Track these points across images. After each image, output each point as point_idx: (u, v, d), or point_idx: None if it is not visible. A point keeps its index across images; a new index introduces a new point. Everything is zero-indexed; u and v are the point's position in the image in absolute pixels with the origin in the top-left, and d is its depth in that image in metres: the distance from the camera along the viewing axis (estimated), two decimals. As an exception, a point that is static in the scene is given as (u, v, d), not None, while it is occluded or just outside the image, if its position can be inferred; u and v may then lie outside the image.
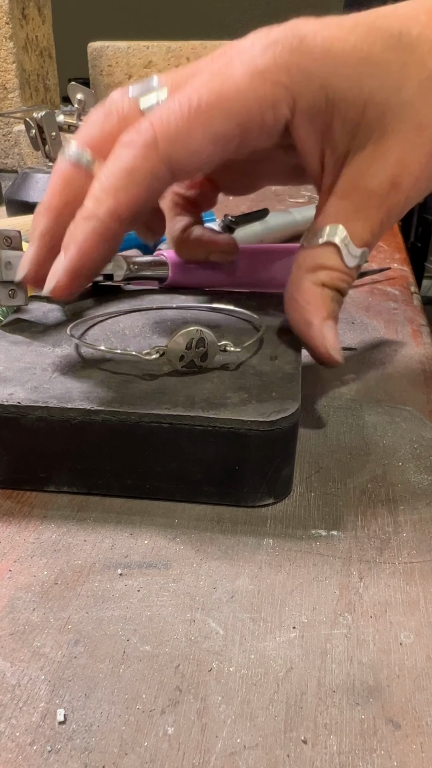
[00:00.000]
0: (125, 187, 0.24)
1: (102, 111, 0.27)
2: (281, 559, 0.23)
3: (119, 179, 0.24)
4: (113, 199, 0.24)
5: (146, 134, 0.24)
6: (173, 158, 0.24)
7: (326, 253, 0.27)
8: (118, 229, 0.25)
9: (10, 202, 0.63)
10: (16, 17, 0.91)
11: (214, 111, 0.24)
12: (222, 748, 0.17)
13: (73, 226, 0.25)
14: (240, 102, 0.24)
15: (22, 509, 0.25)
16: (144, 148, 0.24)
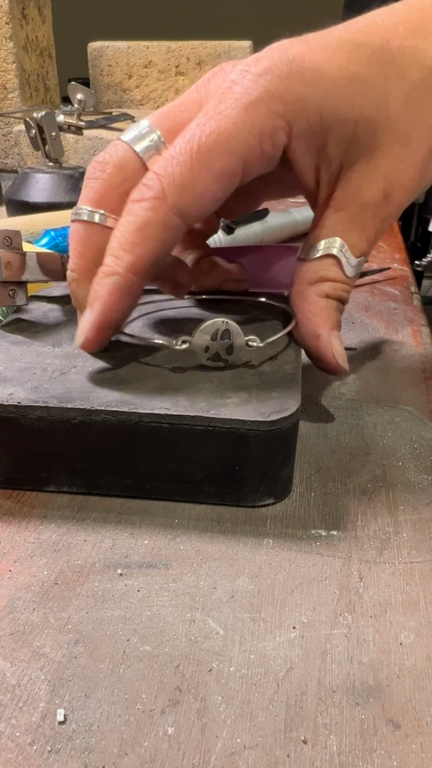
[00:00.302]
0: (141, 241, 0.25)
1: (100, 166, 0.28)
2: (281, 559, 0.23)
3: (134, 234, 0.25)
4: (131, 255, 0.25)
5: (154, 188, 0.25)
6: (183, 206, 0.25)
7: (326, 265, 0.28)
8: (138, 281, 0.26)
9: (10, 202, 0.63)
10: (16, 17, 0.91)
11: (215, 153, 0.25)
12: (222, 748, 0.17)
13: (96, 283, 0.26)
14: (239, 138, 0.25)
15: (22, 509, 0.25)
16: (153, 201, 0.25)
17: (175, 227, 0.25)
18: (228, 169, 0.25)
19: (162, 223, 0.25)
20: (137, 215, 0.25)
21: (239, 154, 0.25)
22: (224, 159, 0.25)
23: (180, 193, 0.25)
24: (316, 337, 0.28)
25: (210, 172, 0.25)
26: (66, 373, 0.26)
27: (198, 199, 0.25)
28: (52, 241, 0.44)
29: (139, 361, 0.27)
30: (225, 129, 0.25)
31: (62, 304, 0.34)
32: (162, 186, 0.25)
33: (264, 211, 0.51)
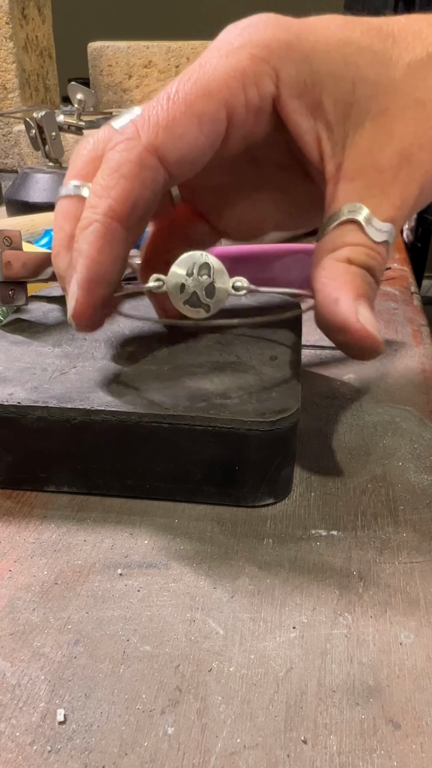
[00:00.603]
0: (115, 183, 0.23)
1: (84, 144, 0.27)
2: (281, 559, 0.23)
3: (109, 178, 0.23)
4: (107, 198, 0.23)
5: (127, 131, 0.24)
6: (159, 145, 0.23)
7: (346, 231, 0.25)
8: (120, 228, 0.24)
9: (10, 202, 0.63)
10: (16, 17, 0.91)
11: (193, 94, 0.23)
12: (222, 748, 0.17)
13: (76, 241, 0.24)
14: (219, 80, 0.23)
15: (22, 509, 0.25)
16: (126, 142, 0.23)
17: (153, 167, 0.23)
18: (209, 112, 0.23)
19: (136, 161, 0.23)
20: (110, 159, 0.24)
21: (220, 97, 0.23)
22: (204, 101, 0.23)
23: (155, 132, 0.23)
24: (335, 302, 0.24)
25: (189, 113, 0.23)
26: (66, 373, 0.26)
27: (176, 140, 0.23)
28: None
29: (139, 361, 0.27)
30: (204, 73, 0.23)
31: (62, 304, 0.34)
32: (136, 128, 0.23)
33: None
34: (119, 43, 1.07)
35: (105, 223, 0.23)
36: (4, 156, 0.95)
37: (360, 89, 0.24)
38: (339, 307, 0.24)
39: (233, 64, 0.23)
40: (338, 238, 0.25)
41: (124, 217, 0.24)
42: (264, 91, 0.24)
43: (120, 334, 0.31)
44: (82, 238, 0.24)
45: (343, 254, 0.24)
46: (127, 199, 0.23)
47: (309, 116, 0.25)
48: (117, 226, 0.24)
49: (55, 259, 0.26)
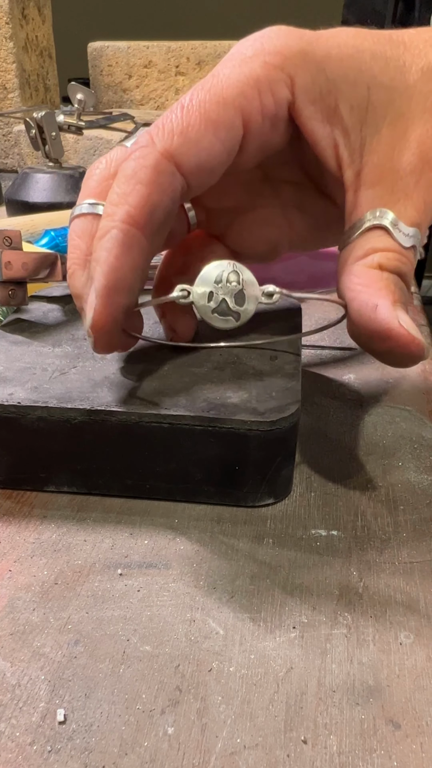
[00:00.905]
0: (132, 189, 0.23)
1: (96, 164, 0.27)
2: (281, 559, 0.23)
3: (125, 185, 0.23)
4: (124, 205, 0.23)
5: (142, 140, 0.23)
6: (174, 151, 0.23)
7: (374, 237, 0.24)
8: (138, 235, 0.23)
9: (9, 202, 0.63)
10: (16, 17, 0.91)
11: (208, 102, 0.23)
12: (222, 748, 0.17)
13: (94, 251, 0.24)
14: (234, 88, 0.23)
15: (22, 509, 0.25)
16: (141, 150, 0.23)
17: (169, 173, 0.23)
18: (225, 120, 0.23)
19: (152, 167, 0.23)
20: (125, 168, 0.23)
21: (236, 104, 0.23)
22: (219, 108, 0.23)
23: (170, 138, 0.23)
24: (373, 308, 0.23)
25: (204, 121, 0.23)
26: (66, 373, 0.26)
27: (192, 146, 0.23)
28: (52, 241, 0.44)
29: (139, 361, 0.27)
30: (218, 82, 0.23)
31: (62, 304, 0.34)
32: (151, 136, 0.23)
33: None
34: (119, 43, 1.07)
35: (123, 229, 0.23)
36: (4, 156, 0.95)
37: (375, 94, 0.24)
38: (379, 314, 0.23)
39: (247, 72, 0.23)
40: (366, 244, 0.24)
41: (143, 224, 0.23)
42: (279, 98, 0.24)
43: None
44: (99, 247, 0.23)
45: (375, 260, 0.24)
46: (145, 205, 0.23)
47: (325, 123, 0.24)
48: (136, 233, 0.23)
49: (70, 279, 0.26)
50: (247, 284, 0.22)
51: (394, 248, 0.24)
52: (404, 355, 0.23)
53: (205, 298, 0.22)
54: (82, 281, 0.25)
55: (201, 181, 0.24)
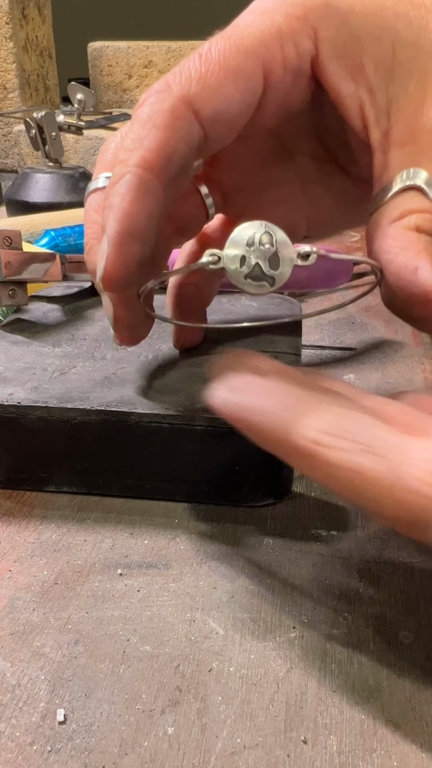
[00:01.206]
0: (148, 132, 0.22)
1: (111, 139, 0.26)
2: (281, 559, 0.23)
3: (140, 129, 0.22)
4: (139, 149, 0.21)
5: (159, 84, 0.22)
6: (192, 97, 0.22)
7: (408, 197, 0.23)
8: (154, 180, 0.22)
9: (9, 202, 0.63)
10: (16, 17, 0.91)
11: (228, 51, 0.22)
12: (222, 748, 0.17)
13: (107, 198, 0.22)
14: (255, 38, 0.22)
15: (22, 509, 0.25)
16: (157, 94, 0.22)
17: (187, 118, 0.22)
18: (245, 68, 0.22)
19: (169, 111, 0.22)
20: (140, 112, 0.22)
21: (257, 54, 0.22)
22: (239, 57, 0.22)
23: (188, 84, 0.22)
24: (413, 271, 0.22)
25: (224, 69, 0.22)
26: (66, 373, 0.26)
27: (211, 94, 0.22)
28: (52, 241, 0.44)
29: (139, 362, 0.27)
30: (238, 31, 0.22)
31: (62, 304, 0.34)
32: (167, 81, 0.22)
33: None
34: (119, 43, 1.07)
35: (138, 174, 0.22)
36: (4, 156, 0.95)
37: (400, 52, 0.23)
38: (420, 276, 0.22)
39: (269, 22, 0.22)
40: (401, 205, 0.23)
41: (159, 169, 0.22)
42: (302, 50, 0.23)
43: None
44: (113, 192, 0.22)
45: (412, 222, 0.23)
46: (161, 149, 0.22)
47: (350, 80, 0.23)
48: (151, 178, 0.22)
49: (87, 255, 0.25)
50: (281, 245, 0.20)
51: (431, 209, 0.23)
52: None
53: (237, 262, 0.20)
54: (93, 256, 0.24)
55: (219, 132, 0.23)
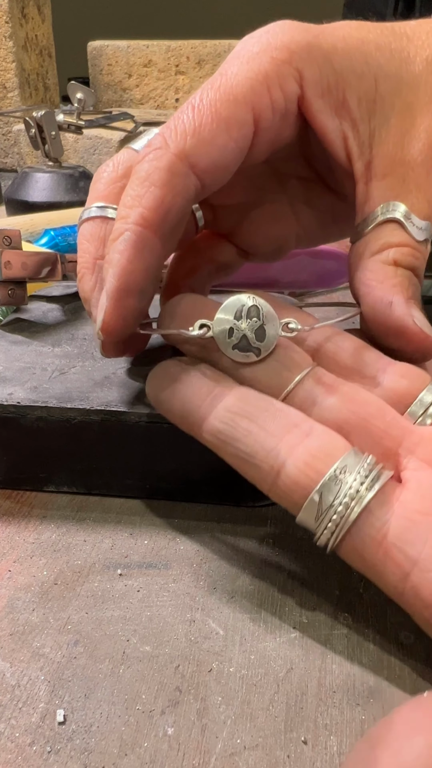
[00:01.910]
0: (146, 191, 0.23)
1: (103, 168, 0.26)
2: (281, 559, 0.23)
3: (139, 187, 0.23)
4: (138, 207, 0.23)
5: (155, 141, 0.23)
6: (188, 152, 0.23)
7: (387, 230, 0.24)
8: (152, 237, 0.23)
9: (9, 202, 0.63)
10: (15, 16, 0.91)
11: (218, 101, 0.23)
12: (222, 748, 0.17)
13: (107, 253, 0.23)
14: (243, 85, 0.23)
15: (22, 509, 0.25)
16: (155, 152, 0.23)
17: (183, 174, 0.23)
18: (236, 116, 0.23)
19: (167, 168, 0.23)
20: (139, 170, 0.23)
21: (247, 101, 0.23)
22: (230, 106, 0.23)
23: (183, 139, 0.23)
24: (388, 305, 0.23)
25: (216, 119, 0.23)
26: (65, 373, 0.26)
27: (206, 146, 0.23)
28: (52, 240, 0.44)
29: (139, 362, 0.27)
30: (227, 80, 0.23)
31: (62, 304, 0.34)
32: (164, 138, 0.23)
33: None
34: (119, 42, 1.06)
35: (137, 231, 0.23)
36: (4, 155, 0.95)
37: (383, 85, 0.24)
38: (394, 311, 0.23)
39: (255, 68, 0.23)
40: (380, 238, 0.24)
41: (157, 226, 0.23)
42: (288, 92, 0.24)
43: None
44: (113, 249, 0.23)
45: (390, 256, 0.24)
46: (159, 207, 0.23)
47: (334, 115, 0.24)
48: (149, 235, 0.23)
49: (79, 283, 0.26)
50: (268, 318, 0.22)
51: (408, 243, 0.24)
52: (417, 352, 0.23)
53: (225, 333, 0.22)
54: (91, 285, 0.25)
55: (215, 180, 0.24)
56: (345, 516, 0.19)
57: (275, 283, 0.38)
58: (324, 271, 0.40)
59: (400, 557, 0.18)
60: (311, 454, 0.19)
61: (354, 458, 0.19)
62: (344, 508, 0.19)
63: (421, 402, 0.22)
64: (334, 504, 0.19)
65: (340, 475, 0.19)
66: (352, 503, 0.18)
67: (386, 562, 0.18)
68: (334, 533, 0.19)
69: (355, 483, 0.19)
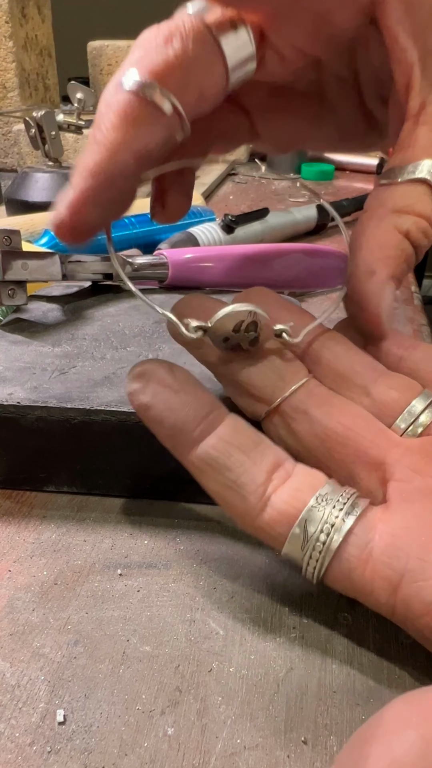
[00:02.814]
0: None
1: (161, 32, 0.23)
2: (281, 559, 0.23)
3: None
4: None
5: None
6: None
7: (416, 194, 0.23)
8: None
9: (9, 202, 0.63)
10: (15, 16, 0.91)
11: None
12: (222, 748, 0.17)
13: None
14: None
15: (22, 509, 0.25)
16: None
17: None
18: None
19: None
20: None
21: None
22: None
23: None
24: (369, 274, 0.23)
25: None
26: (65, 373, 0.26)
27: None
28: (52, 240, 0.44)
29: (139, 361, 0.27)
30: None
31: (62, 304, 0.34)
32: None
33: (264, 211, 0.51)
34: (119, 42, 1.06)
35: None
36: (4, 155, 0.95)
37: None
38: (371, 284, 0.23)
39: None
40: (408, 198, 0.23)
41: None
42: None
43: (120, 333, 0.30)
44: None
45: (406, 225, 0.23)
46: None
47: (409, 37, 0.22)
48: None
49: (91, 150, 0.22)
50: (264, 332, 0.22)
51: (428, 216, 0.23)
52: (363, 327, 0.24)
53: (220, 339, 0.22)
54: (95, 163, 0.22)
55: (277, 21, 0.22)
56: (327, 543, 0.19)
57: (276, 282, 0.38)
58: (321, 269, 0.40)
59: (387, 572, 0.18)
60: (296, 488, 0.20)
61: (332, 488, 0.20)
62: (326, 535, 0.19)
63: (410, 413, 0.22)
64: (316, 532, 0.19)
65: (322, 503, 0.19)
66: (333, 529, 0.19)
67: (374, 579, 0.18)
68: (319, 561, 0.19)
69: (335, 510, 0.19)
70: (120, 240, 0.47)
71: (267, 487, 0.20)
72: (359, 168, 0.93)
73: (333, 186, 0.85)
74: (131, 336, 0.30)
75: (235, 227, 0.46)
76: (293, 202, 0.74)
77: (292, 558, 0.20)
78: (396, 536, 0.18)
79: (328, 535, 0.19)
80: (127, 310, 0.33)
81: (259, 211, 0.51)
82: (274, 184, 0.84)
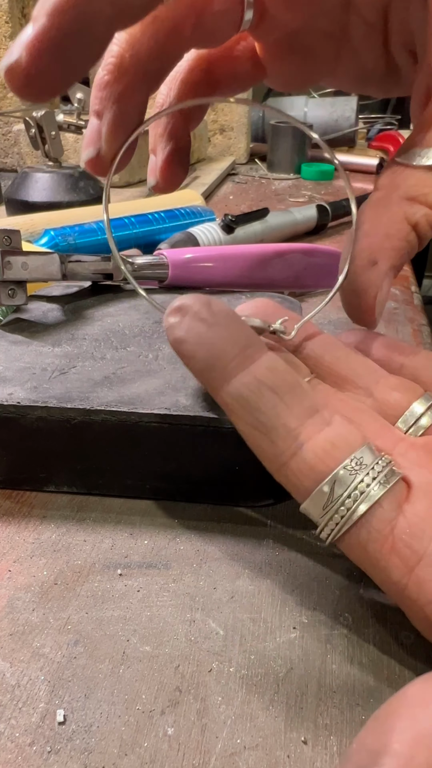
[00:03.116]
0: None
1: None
2: (281, 559, 0.23)
3: None
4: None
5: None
6: None
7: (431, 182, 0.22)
8: None
9: (9, 202, 0.63)
10: (15, 16, 0.91)
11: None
12: (222, 748, 0.17)
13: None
14: None
15: (22, 509, 0.25)
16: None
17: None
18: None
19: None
20: None
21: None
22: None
23: None
24: (371, 263, 0.23)
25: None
26: (66, 373, 0.26)
27: None
28: (52, 240, 0.44)
29: (139, 361, 0.27)
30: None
31: (62, 304, 0.34)
32: None
33: (264, 211, 0.52)
34: (119, 43, 1.06)
35: None
36: (4, 155, 0.95)
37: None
38: (370, 275, 0.23)
39: None
40: (424, 186, 0.22)
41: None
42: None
43: (120, 333, 0.30)
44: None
45: (416, 216, 0.23)
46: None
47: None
48: None
49: None
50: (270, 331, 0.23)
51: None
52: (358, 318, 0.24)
53: None
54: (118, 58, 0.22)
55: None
56: (353, 509, 0.18)
57: (275, 282, 0.38)
58: (320, 269, 0.40)
59: (406, 551, 0.18)
60: (331, 442, 0.19)
61: (369, 453, 0.19)
62: (353, 501, 0.18)
63: (412, 414, 0.22)
64: (343, 496, 0.18)
65: (356, 467, 0.18)
66: (362, 497, 0.18)
67: (391, 556, 0.18)
68: (339, 524, 0.19)
69: (367, 478, 0.18)
70: (120, 240, 0.47)
71: (299, 433, 0.19)
72: (359, 168, 0.93)
73: (333, 186, 0.85)
74: (131, 336, 0.30)
75: (235, 227, 0.46)
76: (293, 202, 0.74)
77: (309, 514, 0.19)
78: (421, 518, 0.18)
79: (356, 501, 0.18)
80: (127, 310, 0.33)
81: (259, 211, 0.51)
82: (274, 184, 0.84)
